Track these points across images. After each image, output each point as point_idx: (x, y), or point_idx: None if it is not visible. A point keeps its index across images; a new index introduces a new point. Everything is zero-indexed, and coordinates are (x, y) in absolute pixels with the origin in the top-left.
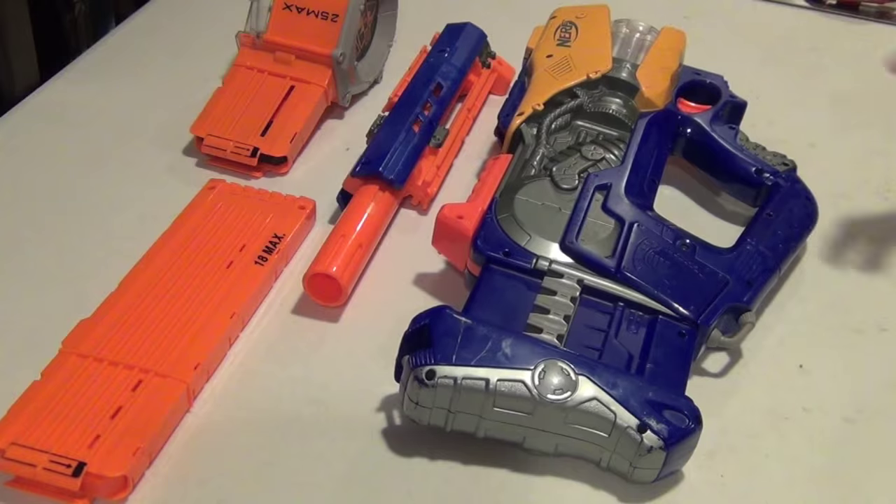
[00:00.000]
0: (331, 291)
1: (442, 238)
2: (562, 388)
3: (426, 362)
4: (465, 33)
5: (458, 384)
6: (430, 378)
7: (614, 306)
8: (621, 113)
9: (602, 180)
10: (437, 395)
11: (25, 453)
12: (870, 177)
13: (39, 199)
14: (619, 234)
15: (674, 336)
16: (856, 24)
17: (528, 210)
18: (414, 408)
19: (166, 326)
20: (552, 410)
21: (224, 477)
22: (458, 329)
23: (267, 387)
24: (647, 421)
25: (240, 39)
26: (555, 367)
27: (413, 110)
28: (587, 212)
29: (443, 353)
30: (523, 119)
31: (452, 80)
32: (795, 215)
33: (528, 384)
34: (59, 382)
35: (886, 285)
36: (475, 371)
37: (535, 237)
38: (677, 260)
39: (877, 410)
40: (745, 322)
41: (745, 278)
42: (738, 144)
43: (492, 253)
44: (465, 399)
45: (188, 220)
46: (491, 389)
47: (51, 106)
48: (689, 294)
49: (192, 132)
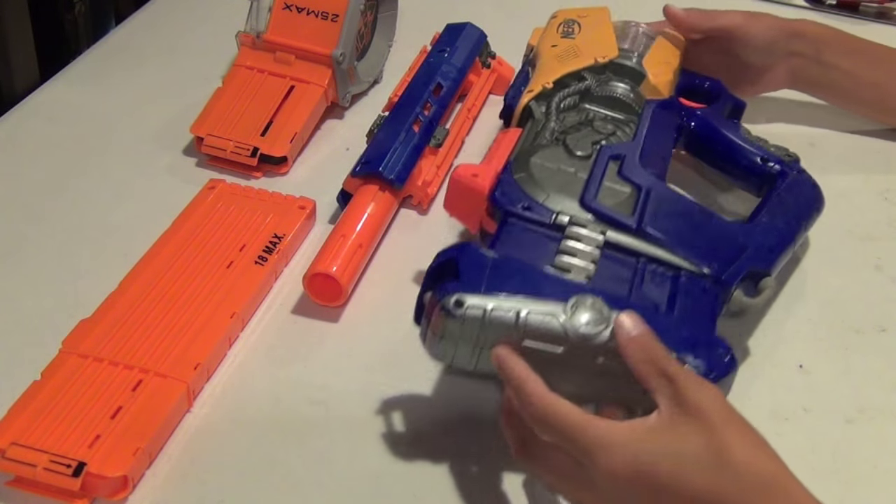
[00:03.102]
0: (331, 291)
1: (455, 198)
2: (594, 322)
3: (454, 291)
4: (465, 33)
5: (486, 315)
6: (459, 307)
7: (636, 261)
8: (629, 97)
9: (616, 151)
10: (465, 327)
11: (25, 453)
12: (870, 177)
13: (39, 198)
14: (638, 198)
15: (697, 291)
16: (856, 24)
17: (545, 172)
18: (438, 342)
19: (166, 326)
20: (584, 346)
21: (224, 477)
22: (486, 262)
23: (267, 387)
24: (684, 356)
25: (240, 39)
26: (587, 303)
27: (413, 110)
28: (603, 177)
29: (471, 283)
30: (533, 95)
31: (452, 80)
32: (804, 198)
33: (560, 318)
34: (59, 382)
35: (886, 285)
36: (505, 302)
37: (553, 195)
38: (697, 222)
39: (877, 410)
40: (765, 286)
41: (765, 245)
42: (742, 135)
43: (511, 206)
44: (493, 331)
45: (188, 220)
46: (521, 321)
47: (51, 106)
48: (711, 253)
49: (192, 132)
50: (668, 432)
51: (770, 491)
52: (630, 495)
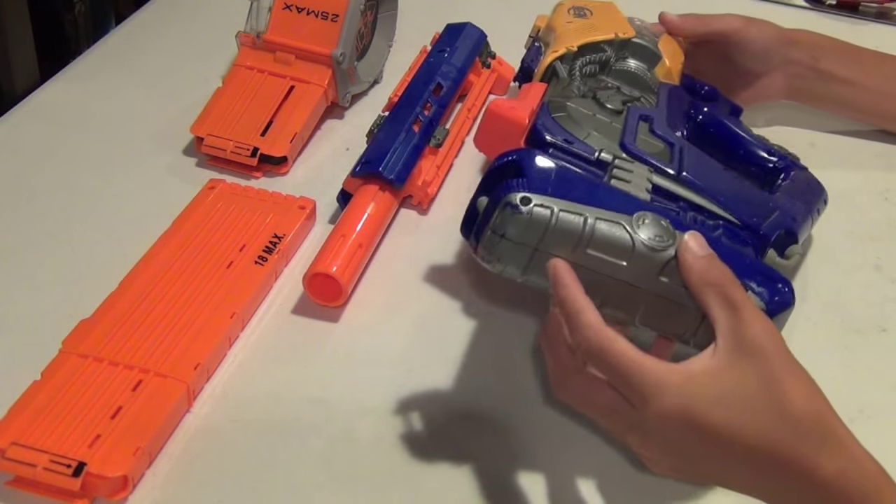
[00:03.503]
0: (331, 291)
1: (490, 133)
2: (661, 236)
3: (521, 188)
4: (465, 33)
5: (554, 215)
6: (526, 203)
7: (677, 206)
8: (646, 76)
9: (645, 112)
10: (530, 226)
11: (26, 453)
12: (870, 177)
13: (39, 198)
14: (672, 152)
15: (740, 240)
16: (856, 24)
17: (582, 115)
18: (497, 244)
19: (166, 326)
20: (648, 259)
21: (224, 477)
22: (552, 167)
23: (267, 387)
24: (748, 282)
25: (240, 39)
26: (653, 218)
27: (413, 110)
28: (637, 131)
29: (536, 184)
30: (557, 55)
31: (452, 80)
32: (811, 190)
33: (628, 228)
34: (59, 382)
35: (886, 285)
36: (573, 206)
37: (594, 134)
38: (731, 181)
39: (877, 410)
40: (793, 252)
41: (790, 214)
42: (746, 129)
43: (553, 139)
44: (558, 235)
45: (188, 220)
46: (589, 227)
47: (51, 106)
48: (748, 207)
49: (192, 132)
50: (725, 375)
51: (831, 441)
52: (681, 441)
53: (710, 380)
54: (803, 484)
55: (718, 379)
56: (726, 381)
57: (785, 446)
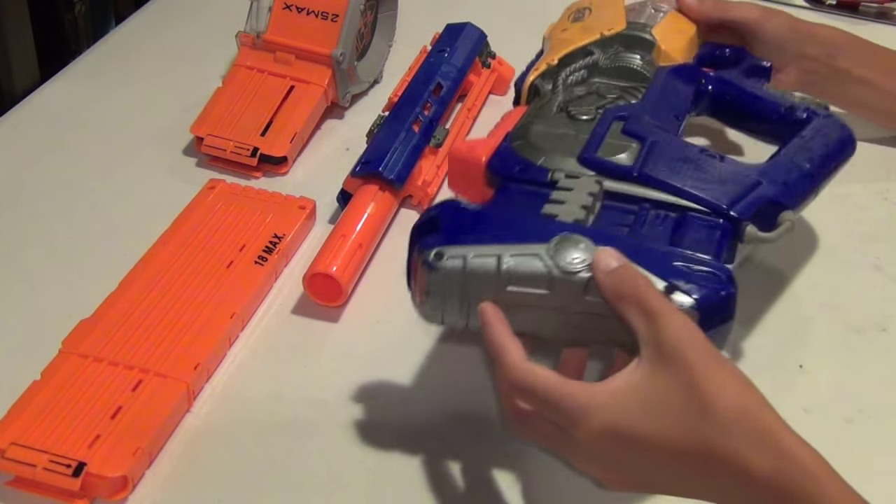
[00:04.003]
0: (331, 291)
1: (455, 172)
2: (577, 257)
3: (434, 244)
4: (465, 33)
5: (467, 263)
6: (439, 259)
7: (638, 207)
8: (639, 66)
9: (621, 112)
10: (447, 279)
11: (25, 453)
12: (870, 177)
13: (39, 198)
14: (641, 150)
15: (704, 228)
16: (856, 24)
17: (544, 136)
18: (426, 300)
19: (166, 326)
20: (569, 284)
21: (224, 477)
22: (468, 214)
23: (267, 387)
24: (675, 281)
25: (240, 39)
26: (570, 240)
27: (413, 110)
28: (605, 135)
29: (451, 234)
30: (538, 73)
31: (452, 80)
32: (832, 139)
33: (543, 257)
34: (59, 382)
35: (886, 285)
36: (485, 248)
37: (550, 156)
38: (703, 164)
39: (877, 410)
40: (784, 220)
41: (780, 180)
42: (765, 90)
43: (506, 171)
44: (476, 281)
45: (188, 220)
46: (503, 266)
47: (51, 106)
48: (718, 189)
49: (192, 132)
50: (647, 385)
51: (760, 436)
52: (618, 457)
53: (634, 392)
54: (741, 482)
55: (641, 390)
56: (649, 391)
57: (715, 446)
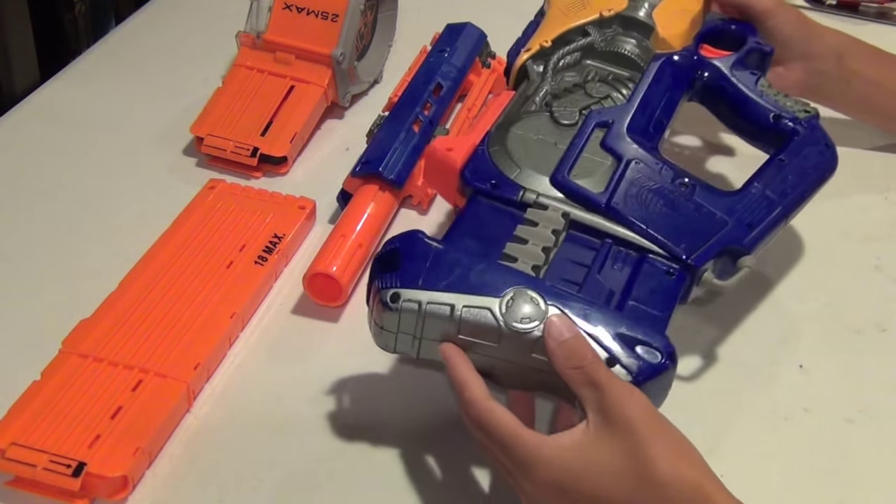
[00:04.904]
0: (331, 291)
1: (431, 171)
2: (530, 317)
3: (391, 285)
4: (465, 33)
5: (422, 309)
6: (395, 301)
7: (601, 242)
8: (634, 53)
9: (603, 117)
10: (402, 320)
11: (25, 453)
12: (870, 177)
13: (39, 198)
14: (615, 171)
15: (660, 275)
16: (856, 24)
17: (522, 143)
18: (380, 332)
19: (166, 326)
20: (518, 341)
21: (224, 477)
22: (429, 253)
23: (267, 387)
24: (616, 354)
25: (240, 39)
26: (524, 296)
27: (413, 110)
28: (583, 148)
29: (409, 276)
30: (530, 55)
31: (452, 80)
32: (810, 162)
33: (495, 312)
34: (59, 382)
35: (886, 285)
36: (441, 296)
37: (525, 170)
38: (673, 198)
39: (877, 410)
40: (742, 266)
41: (747, 221)
42: (757, 90)
43: (478, 184)
44: (429, 325)
45: (188, 220)
46: (456, 316)
47: (51, 106)
48: (681, 233)
49: (192, 132)
50: (593, 448)
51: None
52: None
53: (580, 453)
54: None
55: (587, 452)
56: (594, 454)
57: None
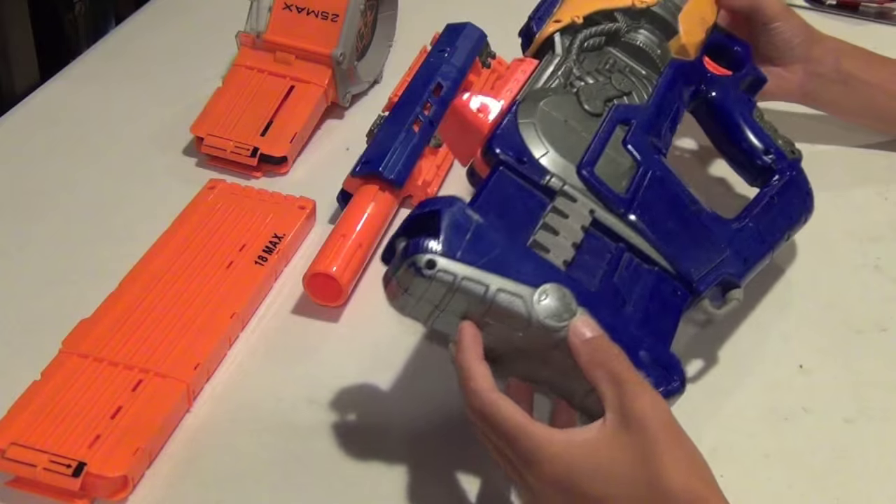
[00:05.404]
0: (331, 291)
1: (452, 126)
2: (559, 315)
3: (429, 251)
4: (465, 33)
5: (455, 282)
6: (430, 268)
7: (615, 246)
8: (655, 53)
9: (627, 114)
10: (431, 288)
11: (26, 453)
12: (870, 177)
13: (39, 198)
14: (635, 176)
15: (668, 293)
16: (856, 24)
17: (550, 123)
18: (400, 295)
19: (166, 326)
20: (543, 335)
21: (224, 477)
22: (469, 226)
23: (267, 387)
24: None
25: (240, 39)
26: (558, 293)
27: (413, 110)
28: (607, 143)
29: (450, 246)
30: (560, 27)
31: (452, 80)
32: (795, 207)
33: (528, 302)
34: (59, 382)
35: (886, 285)
36: (478, 274)
37: (552, 153)
38: (686, 217)
39: (877, 410)
40: (731, 298)
41: (743, 255)
42: (752, 120)
43: (506, 157)
44: (458, 300)
45: (188, 220)
46: (488, 297)
47: (51, 106)
48: (690, 254)
49: (192, 132)
50: (605, 447)
51: None
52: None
53: (590, 451)
54: None
55: (598, 451)
56: (605, 454)
57: None
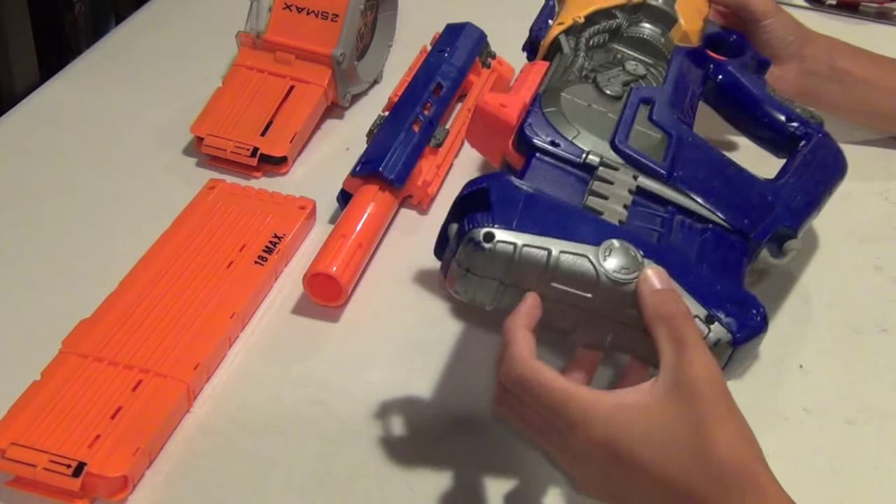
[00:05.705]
0: (331, 291)
1: (480, 128)
2: (628, 268)
3: (485, 223)
4: (465, 33)
5: (517, 251)
6: (489, 241)
7: (665, 210)
8: (660, 42)
9: (646, 94)
10: (494, 261)
11: (25, 453)
12: (870, 177)
13: (39, 198)
14: (669, 145)
15: (727, 246)
16: (856, 24)
17: (575, 108)
18: (463, 276)
19: (166, 326)
20: (614, 292)
21: (224, 477)
22: (520, 196)
23: (267, 387)
24: (716, 312)
25: (240, 39)
26: (621, 247)
27: (413, 110)
28: (634, 120)
29: (503, 216)
30: (563, 28)
31: (452, 79)
32: (829, 163)
33: (593, 260)
34: (59, 382)
35: (886, 285)
36: (537, 239)
37: (584, 133)
38: (730, 176)
39: (877, 411)
40: (790, 248)
41: (791, 206)
42: (768, 94)
43: (539, 142)
44: (522, 269)
45: (188, 220)
46: (552, 261)
47: (51, 106)
48: (741, 208)
49: (192, 132)
50: (655, 411)
51: (745, 493)
52: (606, 470)
53: (640, 414)
54: None
55: (649, 413)
56: (656, 418)
57: (704, 490)
